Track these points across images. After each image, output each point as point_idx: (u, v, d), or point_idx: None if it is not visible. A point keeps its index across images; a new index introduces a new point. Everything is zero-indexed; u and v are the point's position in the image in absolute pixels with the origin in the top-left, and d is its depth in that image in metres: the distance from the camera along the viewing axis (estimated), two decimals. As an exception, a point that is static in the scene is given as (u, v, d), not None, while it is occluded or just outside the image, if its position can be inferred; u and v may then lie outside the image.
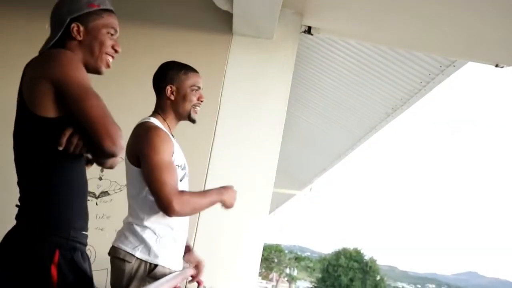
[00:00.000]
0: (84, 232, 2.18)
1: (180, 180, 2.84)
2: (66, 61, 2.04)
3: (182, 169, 2.86)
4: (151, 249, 2.72)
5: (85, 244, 2.20)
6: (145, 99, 3.06)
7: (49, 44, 2.19)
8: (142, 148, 2.70)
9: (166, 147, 2.74)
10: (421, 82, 5.82)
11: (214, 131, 4.48)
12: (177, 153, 2.83)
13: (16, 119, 2.16)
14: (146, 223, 2.75)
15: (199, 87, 2.96)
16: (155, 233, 2.75)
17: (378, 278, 57.75)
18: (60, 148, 2.01)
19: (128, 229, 2.78)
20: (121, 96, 4.43)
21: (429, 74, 5.59)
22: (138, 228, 2.75)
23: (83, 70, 2.08)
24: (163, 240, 2.76)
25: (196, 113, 2.97)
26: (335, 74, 6.60)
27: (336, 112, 7.83)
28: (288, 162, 10.02)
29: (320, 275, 60.25)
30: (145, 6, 4.65)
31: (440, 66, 5.38)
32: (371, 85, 6.47)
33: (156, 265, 2.72)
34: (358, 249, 59.83)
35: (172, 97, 2.94)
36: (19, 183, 2.15)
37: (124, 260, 2.69)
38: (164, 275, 2.73)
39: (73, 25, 2.18)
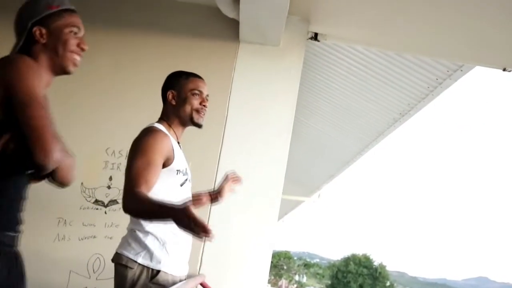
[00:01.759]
0: (8, 233, 2.14)
1: (181, 185, 2.85)
2: (21, 67, 2.04)
3: (183, 175, 2.87)
4: (154, 255, 2.73)
5: (8, 245, 2.14)
6: (155, 107, 3.07)
7: (15, 50, 2.21)
8: (136, 146, 2.74)
9: (159, 148, 2.75)
10: (428, 87, 5.81)
11: (222, 139, 4.49)
12: (178, 158, 2.84)
13: None
14: (148, 228, 2.76)
15: (201, 91, 2.97)
16: (157, 239, 2.75)
17: (387, 284, 57.59)
18: None
19: (131, 235, 2.79)
20: (131, 104, 4.45)
21: (437, 79, 5.58)
22: (140, 234, 2.76)
23: (37, 78, 2.06)
24: (165, 246, 2.77)
25: (200, 117, 2.96)
26: (342, 80, 6.60)
27: (344, 118, 7.83)
28: (296, 168, 10.01)
29: (329, 282, 60.12)
30: (152, 15, 4.67)
31: (448, 71, 5.37)
32: (378, 91, 6.47)
33: (158, 271, 2.73)
34: (367, 255, 59.71)
35: (174, 102, 2.96)
36: None
37: (126, 266, 2.71)
38: (166, 281, 2.74)
39: (35, 29, 2.20)
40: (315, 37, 4.80)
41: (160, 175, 2.72)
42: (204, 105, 2.97)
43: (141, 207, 2.57)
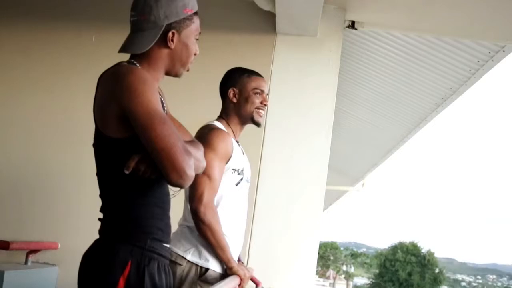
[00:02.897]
0: (165, 245, 2.10)
1: (236, 185, 2.85)
2: (135, 84, 1.93)
3: (238, 174, 2.86)
4: (202, 253, 2.74)
5: (165, 257, 2.11)
6: (192, 102, 3.07)
7: (140, 47, 2.06)
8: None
9: (222, 146, 2.76)
10: (470, 70, 5.71)
11: (263, 131, 4.49)
12: (236, 157, 2.84)
13: (94, 134, 2.09)
14: None
15: (262, 91, 2.96)
16: None
17: (436, 271, 56.92)
18: (127, 172, 1.93)
19: (181, 231, 2.80)
20: (168, 98, 4.47)
21: (478, 61, 5.48)
22: (189, 231, 2.77)
23: (152, 92, 1.95)
24: None
25: (260, 116, 2.97)
26: (382, 67, 6.53)
27: (385, 106, 7.76)
28: (338, 158, 9.96)
29: (377, 271, 59.72)
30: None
31: (489, 52, 5.27)
32: (419, 76, 6.39)
33: (207, 269, 2.73)
34: (415, 242, 59.11)
35: (235, 100, 2.95)
36: (100, 195, 2.10)
37: (175, 263, 2.70)
38: (215, 279, 2.74)
39: (170, 33, 2.08)
40: (352, 25, 4.77)
41: None
42: (265, 104, 2.98)
43: (215, 227, 2.70)
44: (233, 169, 2.82)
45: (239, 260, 3.05)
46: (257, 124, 2.98)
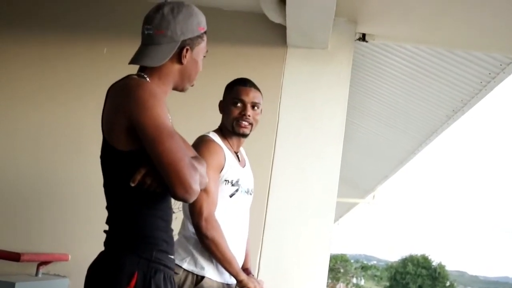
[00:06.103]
0: (170, 256, 2.12)
1: (230, 196, 2.85)
2: (145, 97, 1.95)
3: (232, 185, 2.85)
4: (198, 261, 2.75)
5: (171, 268, 2.11)
6: (202, 114, 3.08)
7: (155, 61, 2.08)
8: None
9: (214, 158, 2.75)
10: (481, 82, 5.70)
11: (274, 144, 4.49)
12: (229, 168, 2.83)
13: (102, 145, 2.11)
14: (193, 234, 2.78)
15: (241, 100, 2.89)
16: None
17: (447, 284, 56.67)
18: (132, 185, 1.95)
19: (178, 241, 2.81)
20: (178, 111, 4.47)
21: (489, 74, 5.47)
22: (186, 240, 2.79)
23: (161, 106, 1.97)
24: None
25: (241, 127, 2.89)
26: (393, 79, 6.53)
27: (396, 118, 7.75)
28: (349, 170, 9.94)
29: (388, 284, 59.48)
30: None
31: (501, 65, 5.26)
32: (430, 88, 6.38)
33: (203, 277, 2.74)
34: (426, 255, 58.87)
35: (222, 112, 2.97)
36: (107, 207, 2.12)
37: None
38: (211, 287, 2.75)
39: (185, 49, 2.11)
40: (363, 38, 4.78)
41: None
42: (244, 114, 2.88)
43: (219, 239, 2.71)
44: (225, 180, 2.81)
45: (249, 272, 3.06)
46: (240, 135, 2.92)
